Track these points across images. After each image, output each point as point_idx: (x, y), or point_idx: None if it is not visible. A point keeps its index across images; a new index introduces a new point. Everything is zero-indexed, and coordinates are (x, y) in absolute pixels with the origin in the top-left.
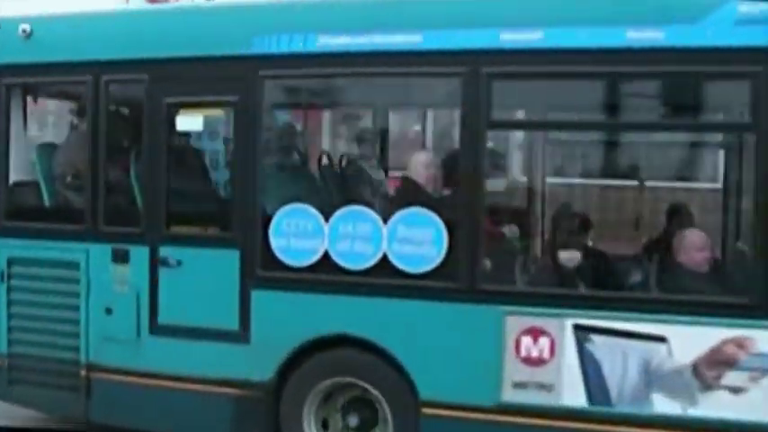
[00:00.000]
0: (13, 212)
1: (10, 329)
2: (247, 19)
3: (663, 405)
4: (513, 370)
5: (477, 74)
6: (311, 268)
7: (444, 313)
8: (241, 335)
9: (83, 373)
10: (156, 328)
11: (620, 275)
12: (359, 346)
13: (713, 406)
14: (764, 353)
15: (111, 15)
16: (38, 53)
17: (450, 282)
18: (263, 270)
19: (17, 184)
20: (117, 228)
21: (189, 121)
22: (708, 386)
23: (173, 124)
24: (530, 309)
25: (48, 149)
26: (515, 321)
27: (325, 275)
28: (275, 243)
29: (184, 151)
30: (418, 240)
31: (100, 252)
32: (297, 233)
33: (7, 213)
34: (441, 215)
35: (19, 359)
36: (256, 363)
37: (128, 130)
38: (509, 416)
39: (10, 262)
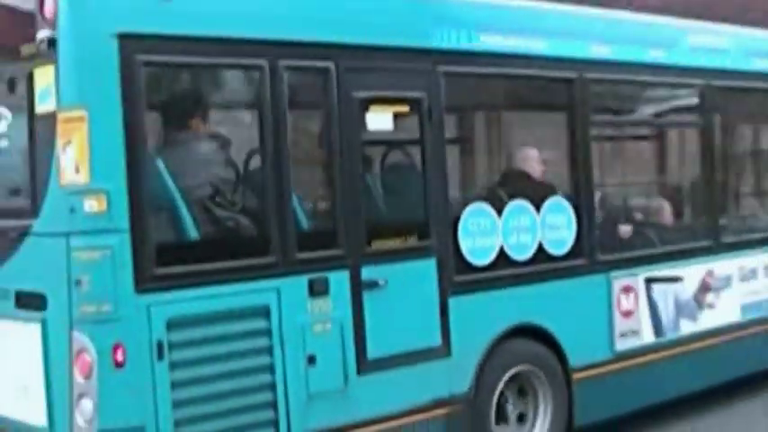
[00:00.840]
0: (167, 251)
1: (177, 424)
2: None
3: (697, 324)
4: (619, 323)
5: (582, 80)
6: (490, 266)
7: (579, 287)
8: (443, 349)
9: None
10: (365, 367)
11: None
12: (524, 334)
13: (706, 319)
14: (722, 276)
15: None
16: (185, 22)
17: (581, 258)
18: (457, 275)
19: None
20: (312, 253)
21: (379, 120)
22: (701, 306)
23: (363, 123)
24: (623, 271)
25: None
26: (617, 283)
27: (501, 270)
28: (464, 245)
29: (376, 152)
30: (559, 226)
31: (294, 287)
32: (479, 232)
33: (160, 253)
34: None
35: None
36: (457, 374)
37: (311, 130)
38: (621, 362)
39: (170, 325)
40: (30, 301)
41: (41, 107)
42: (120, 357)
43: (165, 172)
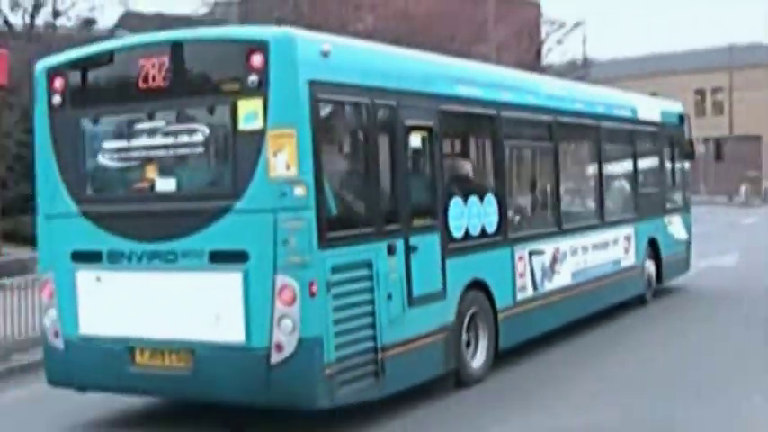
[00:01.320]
0: (329, 222)
1: (336, 335)
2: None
3: (552, 284)
4: (518, 281)
5: (498, 116)
6: (462, 239)
7: (500, 256)
8: (442, 293)
9: (380, 355)
10: (411, 303)
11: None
12: (475, 286)
13: (556, 280)
14: (563, 252)
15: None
16: (332, 72)
17: (500, 236)
18: (449, 243)
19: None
20: (389, 226)
21: (415, 140)
22: (553, 270)
23: (409, 141)
24: (519, 245)
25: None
26: (517, 254)
27: (467, 242)
28: (451, 224)
29: (413, 161)
30: (491, 213)
31: (381, 249)
32: (457, 216)
33: (328, 223)
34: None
35: (344, 361)
36: (448, 311)
37: (386, 146)
38: (519, 307)
39: (333, 270)
40: (228, 258)
41: (246, 126)
42: (314, 289)
43: (324, 170)
